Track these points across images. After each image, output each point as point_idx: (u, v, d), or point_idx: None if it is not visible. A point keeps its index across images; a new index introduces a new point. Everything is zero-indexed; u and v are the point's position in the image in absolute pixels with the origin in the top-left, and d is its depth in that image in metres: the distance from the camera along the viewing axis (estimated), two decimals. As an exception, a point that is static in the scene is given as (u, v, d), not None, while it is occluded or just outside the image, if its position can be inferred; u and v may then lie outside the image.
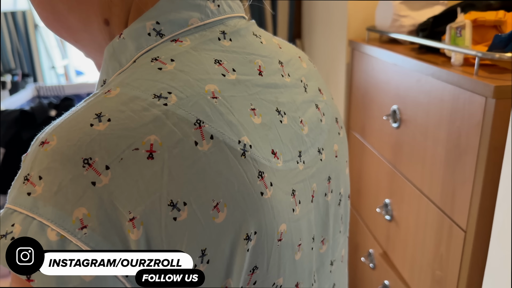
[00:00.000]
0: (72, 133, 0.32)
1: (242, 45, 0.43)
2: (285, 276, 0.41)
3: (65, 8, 0.42)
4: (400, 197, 1.10)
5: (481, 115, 0.77)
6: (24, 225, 0.31)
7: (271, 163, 0.39)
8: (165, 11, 0.40)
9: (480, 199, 0.79)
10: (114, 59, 0.40)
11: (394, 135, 1.11)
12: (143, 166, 0.32)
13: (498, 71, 0.82)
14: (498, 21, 0.90)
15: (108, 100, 0.34)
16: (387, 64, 1.13)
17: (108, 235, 0.31)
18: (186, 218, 0.33)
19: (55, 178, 0.31)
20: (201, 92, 0.36)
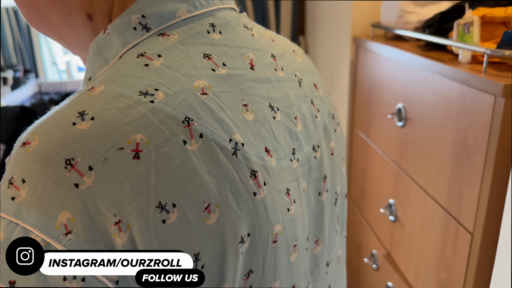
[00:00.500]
0: (53, 132, 0.30)
1: (233, 38, 0.41)
2: (281, 279, 0.40)
3: (46, 4, 0.41)
4: (405, 197, 1.07)
5: (489, 114, 0.75)
6: (7, 231, 0.29)
7: (265, 162, 0.37)
8: (151, 4, 0.38)
9: (487, 201, 0.76)
10: (99, 56, 0.39)
11: (399, 134, 1.08)
12: (129, 166, 0.30)
13: (507, 69, 0.79)
14: (508, 17, 0.87)
15: (91, 98, 0.32)
16: (393, 61, 1.10)
17: (93, 241, 0.29)
18: (176, 220, 0.31)
19: (38, 181, 0.30)
20: (190, 89, 0.34)
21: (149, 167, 0.30)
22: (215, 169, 0.33)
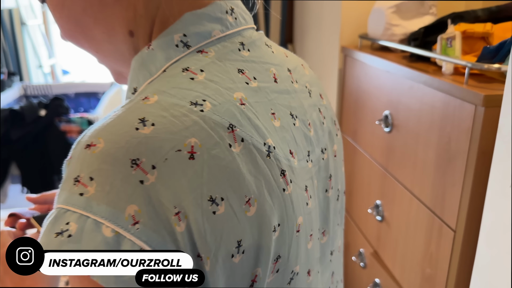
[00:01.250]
0: (119, 136, 0.35)
1: (259, 55, 0.46)
2: (301, 264, 0.46)
3: (90, 20, 0.45)
4: (391, 198, 1.15)
5: (470, 122, 0.82)
6: (79, 223, 0.33)
7: (290, 162, 0.43)
8: (190, 24, 0.43)
9: (469, 201, 0.84)
10: (144, 68, 0.44)
11: (386, 139, 1.15)
12: (186, 165, 0.35)
13: (486, 81, 0.87)
14: (486, 33, 0.96)
15: (149, 106, 0.37)
16: (380, 70, 1.18)
17: (157, 229, 0.34)
18: (223, 212, 0.36)
19: (106, 178, 0.34)
20: (231, 100, 0.40)
21: (202, 166, 0.35)
22: (254, 169, 0.38)
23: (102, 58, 0.50)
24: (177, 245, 0.35)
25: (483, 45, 0.96)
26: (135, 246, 0.33)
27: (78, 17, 0.45)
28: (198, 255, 0.36)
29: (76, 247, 0.33)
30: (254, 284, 0.40)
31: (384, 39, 1.24)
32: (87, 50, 0.49)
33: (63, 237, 0.33)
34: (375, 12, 1.27)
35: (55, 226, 0.34)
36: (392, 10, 1.21)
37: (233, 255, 0.37)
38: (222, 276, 0.37)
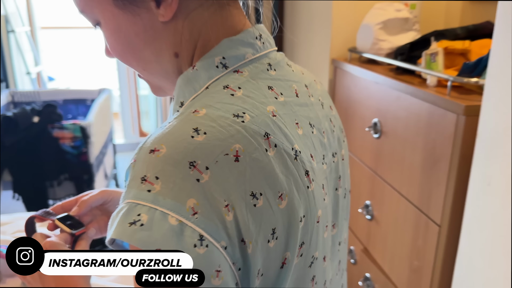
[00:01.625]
0: (178, 143, 0.43)
1: (283, 74, 0.55)
2: (319, 250, 0.54)
3: (142, 43, 0.53)
4: (380, 198, 1.25)
5: (453, 129, 0.93)
6: (149, 214, 0.41)
7: (311, 164, 0.52)
8: (228, 48, 0.52)
9: (452, 199, 0.95)
10: (190, 85, 0.52)
11: (375, 145, 1.26)
12: (232, 166, 0.43)
13: (466, 92, 0.99)
14: (465, 49, 1.07)
15: (199, 118, 0.45)
16: (368, 82, 1.28)
17: (212, 218, 0.42)
18: (262, 205, 0.44)
19: (169, 177, 0.42)
20: (265, 112, 0.48)
21: (245, 167, 0.44)
22: (285, 169, 0.47)
23: (148, 74, 0.58)
24: (227, 232, 0.42)
25: (463, 60, 1.08)
26: (195, 232, 0.41)
27: (131, 40, 0.53)
28: (242, 240, 0.43)
29: (148, 234, 0.40)
30: (283, 266, 0.48)
31: (372, 52, 1.35)
32: (134, 67, 0.57)
33: (136, 226, 0.40)
34: (364, 28, 1.38)
35: (128, 217, 0.41)
36: (379, 26, 1.32)
37: (269, 240, 0.45)
38: (260, 258, 0.46)
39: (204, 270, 0.41)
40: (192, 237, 0.41)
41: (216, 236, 0.42)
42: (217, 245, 0.42)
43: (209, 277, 0.41)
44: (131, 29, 0.52)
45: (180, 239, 0.40)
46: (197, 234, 0.41)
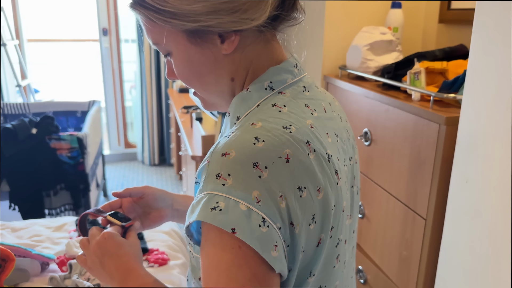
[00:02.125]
0: (244, 148, 0.56)
1: (314, 94, 0.70)
2: (343, 234, 0.69)
3: (206, 70, 0.66)
4: (371, 199, 1.42)
5: (436, 136, 1.11)
6: (225, 202, 0.54)
7: (338, 165, 0.67)
8: (273, 75, 0.67)
9: (436, 195, 1.12)
10: (244, 103, 0.66)
11: (366, 151, 1.43)
12: (284, 166, 0.57)
13: (446, 106, 1.16)
14: (443, 69, 1.26)
15: (258, 129, 0.59)
16: (359, 96, 1.46)
17: (270, 205, 0.55)
18: (306, 196, 0.58)
19: (239, 174, 0.55)
20: (306, 125, 0.63)
21: (294, 167, 0.57)
22: (321, 169, 0.61)
23: (206, 94, 0.71)
24: (281, 216, 0.55)
25: (442, 78, 1.26)
26: (259, 216, 0.53)
27: (198, 68, 0.66)
28: (291, 223, 0.56)
29: (226, 217, 0.53)
30: (319, 245, 0.62)
31: (360, 70, 1.52)
32: (196, 88, 0.70)
33: (216, 211, 0.53)
34: (353, 48, 1.55)
35: (209, 204, 0.54)
36: (367, 47, 1.50)
37: (310, 223, 0.59)
38: (304, 237, 0.59)
39: (266, 244, 0.54)
40: (257, 219, 0.54)
41: (273, 219, 0.55)
42: (274, 226, 0.55)
43: (270, 250, 0.54)
44: (199, 59, 0.65)
45: (249, 220, 0.53)
46: (260, 217, 0.54)
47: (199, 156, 2.34)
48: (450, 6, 1.59)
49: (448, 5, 1.59)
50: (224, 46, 0.64)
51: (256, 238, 0.53)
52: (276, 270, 0.55)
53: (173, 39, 0.65)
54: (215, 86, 0.69)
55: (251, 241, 0.53)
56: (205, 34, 0.63)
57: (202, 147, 2.35)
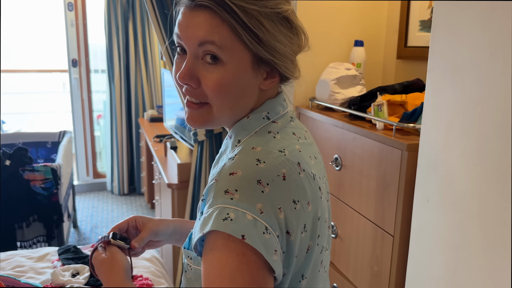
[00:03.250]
0: (249, 168, 0.66)
1: (297, 124, 0.82)
2: (325, 242, 0.80)
3: (244, 93, 0.73)
4: (343, 219, 1.54)
5: (399, 161, 1.25)
6: (235, 213, 0.62)
7: (320, 183, 0.78)
8: (270, 107, 0.77)
9: (401, 214, 1.25)
10: (245, 129, 0.76)
11: (337, 175, 1.56)
12: (282, 183, 0.67)
13: (406, 134, 1.31)
14: (403, 101, 1.42)
15: (258, 152, 0.69)
16: (328, 125, 1.60)
17: (271, 216, 0.64)
18: (299, 208, 0.68)
19: (245, 190, 0.64)
20: (295, 149, 0.74)
21: (289, 184, 0.68)
22: (309, 185, 0.72)
23: (225, 111, 0.74)
24: (279, 225, 0.64)
25: (402, 109, 1.42)
26: (262, 225, 0.62)
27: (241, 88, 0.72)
28: (287, 231, 0.66)
29: (236, 225, 0.61)
30: (308, 251, 0.72)
31: (329, 102, 1.67)
32: (222, 102, 0.72)
33: (227, 221, 0.61)
34: (321, 82, 1.71)
35: (220, 215, 0.62)
36: (334, 81, 1.66)
37: (302, 232, 0.69)
38: (297, 244, 0.69)
39: (269, 249, 0.63)
40: (261, 227, 0.63)
41: (274, 228, 0.65)
42: (274, 234, 0.65)
43: (272, 254, 0.63)
44: (246, 83, 0.72)
45: (254, 228, 0.63)
46: (263, 226, 0.63)
47: (175, 184, 2.41)
48: (406, 44, 1.78)
49: (405, 43, 1.78)
50: (266, 82, 0.75)
51: (262, 243, 0.62)
52: (276, 272, 0.65)
53: (240, 55, 0.70)
54: (239, 110, 0.76)
55: (258, 245, 0.62)
56: (265, 65, 0.73)
57: (178, 175, 2.42)
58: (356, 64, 1.78)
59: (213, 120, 0.76)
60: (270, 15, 0.69)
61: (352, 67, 1.69)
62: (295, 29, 0.74)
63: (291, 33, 0.73)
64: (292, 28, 0.73)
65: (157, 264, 1.72)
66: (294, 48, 0.75)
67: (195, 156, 2.29)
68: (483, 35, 0.88)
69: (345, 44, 1.86)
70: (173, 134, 2.81)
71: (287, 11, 0.72)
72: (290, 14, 0.72)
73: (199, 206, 0.75)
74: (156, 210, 3.20)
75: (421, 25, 1.70)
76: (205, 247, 0.66)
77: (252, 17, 0.67)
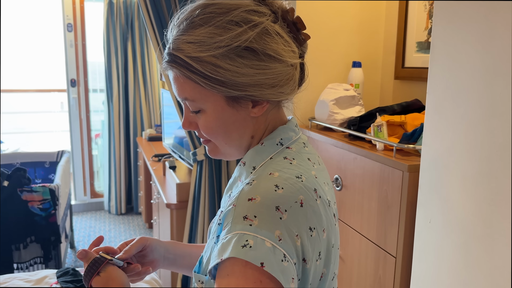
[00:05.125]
0: (268, 194, 0.66)
1: (310, 149, 0.82)
2: (336, 268, 0.79)
3: (233, 128, 0.75)
4: (345, 240, 1.53)
5: (400, 182, 1.25)
6: (254, 240, 0.62)
7: (334, 209, 0.78)
8: (283, 133, 0.78)
9: (404, 235, 1.25)
10: (259, 156, 0.76)
11: (338, 196, 1.56)
12: (299, 210, 0.67)
13: (406, 155, 1.32)
14: (402, 122, 1.43)
15: (276, 178, 0.69)
16: (329, 145, 1.60)
17: (289, 243, 0.64)
18: (315, 235, 0.68)
19: (263, 216, 0.63)
20: (311, 175, 0.73)
21: (306, 211, 0.68)
22: (325, 212, 0.72)
23: (225, 146, 0.77)
24: (297, 253, 0.65)
25: (401, 130, 1.43)
26: (281, 252, 0.62)
27: (228, 125, 0.74)
28: (304, 259, 0.67)
29: (255, 253, 0.61)
30: (321, 278, 0.72)
31: (328, 123, 1.68)
32: (219, 141, 0.76)
33: (247, 248, 0.61)
34: (321, 103, 1.72)
35: (239, 242, 0.62)
36: (333, 102, 1.67)
37: (317, 259, 0.69)
38: (312, 272, 0.69)
39: (288, 277, 0.63)
40: (280, 255, 0.63)
41: (291, 255, 0.64)
42: (291, 261, 0.64)
43: (289, 282, 0.63)
44: (231, 119, 0.73)
45: (273, 256, 0.62)
46: (282, 253, 0.63)
47: (173, 204, 2.40)
48: (404, 65, 1.80)
49: (402, 63, 1.80)
50: (255, 110, 0.74)
51: (280, 271, 0.61)
52: None
53: (212, 100, 0.72)
54: (237, 141, 0.77)
55: (276, 273, 0.61)
56: (243, 99, 0.73)
57: (177, 195, 2.41)
58: (355, 85, 1.80)
59: (221, 153, 0.80)
60: (227, 54, 0.68)
61: (351, 88, 1.70)
62: (263, 55, 0.69)
63: (259, 60, 0.69)
64: (258, 54, 0.69)
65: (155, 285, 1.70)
66: (273, 71, 0.71)
67: (194, 176, 2.28)
68: (483, 57, 0.89)
69: (343, 65, 1.89)
70: (172, 154, 2.81)
71: (248, 39, 0.68)
72: (254, 41, 0.69)
73: (214, 229, 0.75)
74: (154, 230, 3.18)
75: (418, 46, 1.73)
76: (221, 272, 0.64)
77: (207, 64, 0.68)
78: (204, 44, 0.68)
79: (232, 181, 0.83)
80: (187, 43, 0.69)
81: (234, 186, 0.81)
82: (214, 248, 0.69)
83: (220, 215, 0.71)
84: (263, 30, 0.70)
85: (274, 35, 0.71)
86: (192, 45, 0.69)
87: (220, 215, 0.72)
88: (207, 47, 0.68)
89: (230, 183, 0.84)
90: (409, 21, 1.77)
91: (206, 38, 0.68)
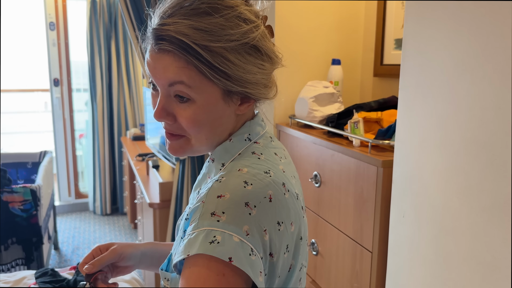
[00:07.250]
0: (236, 191, 0.66)
1: (277, 143, 0.83)
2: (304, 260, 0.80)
3: (219, 123, 0.74)
4: (323, 236, 1.54)
5: (375, 177, 1.26)
6: (222, 235, 0.62)
7: (302, 202, 0.79)
8: (250, 128, 0.78)
9: (379, 230, 1.26)
10: (228, 152, 0.77)
11: (317, 192, 1.57)
12: (268, 205, 0.67)
13: (381, 150, 1.34)
14: (378, 118, 1.44)
15: (245, 174, 0.69)
16: (308, 142, 1.61)
17: (257, 238, 0.65)
18: (282, 229, 0.69)
19: (232, 212, 0.63)
20: (279, 169, 0.74)
21: (275, 205, 0.68)
22: (293, 206, 0.73)
23: (203, 140, 0.75)
24: (264, 247, 0.66)
25: (377, 126, 1.44)
26: (248, 246, 0.62)
27: (215, 120, 0.73)
28: (270, 253, 0.67)
29: (223, 248, 0.60)
30: (289, 270, 0.73)
31: (307, 120, 1.69)
32: (199, 134, 0.73)
33: (214, 243, 0.61)
34: (300, 100, 1.73)
35: (207, 238, 0.61)
36: (312, 99, 1.68)
37: (284, 252, 0.70)
38: (280, 265, 0.70)
39: (256, 270, 0.63)
40: (247, 249, 0.63)
41: (258, 250, 0.65)
42: (258, 256, 0.65)
43: (258, 275, 0.64)
44: (220, 113, 0.72)
45: (241, 250, 0.63)
46: (249, 247, 0.63)
47: (156, 203, 2.39)
48: (382, 62, 1.82)
49: (381, 61, 1.82)
50: (241, 108, 0.75)
51: (249, 265, 0.62)
52: None
53: (210, 91, 0.70)
54: (217, 137, 0.77)
55: (245, 267, 0.62)
56: (236, 95, 0.73)
57: (160, 194, 2.40)
58: (334, 82, 1.81)
59: (192, 149, 0.77)
60: (237, 48, 0.68)
61: (330, 85, 1.71)
62: (265, 55, 0.73)
63: (261, 60, 0.72)
64: (262, 54, 0.72)
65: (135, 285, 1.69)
66: (267, 72, 0.74)
67: (177, 175, 2.28)
68: (451, 53, 0.91)
69: (322, 62, 1.90)
70: (155, 153, 2.80)
71: (255, 38, 0.70)
72: (259, 40, 0.71)
73: (181, 224, 0.75)
74: (139, 230, 3.16)
75: (396, 43, 1.75)
76: (186, 267, 0.64)
77: (217, 55, 0.67)
78: (215, 34, 0.66)
79: (201, 178, 0.83)
80: (194, 29, 0.66)
81: (203, 183, 0.81)
82: (180, 243, 0.69)
83: (188, 211, 0.71)
84: (263, 31, 0.72)
85: (268, 38, 0.74)
86: (200, 32, 0.66)
87: (188, 212, 0.72)
88: (218, 38, 0.66)
89: (199, 180, 0.84)
90: (387, 19, 1.78)
91: (217, 29, 0.67)
